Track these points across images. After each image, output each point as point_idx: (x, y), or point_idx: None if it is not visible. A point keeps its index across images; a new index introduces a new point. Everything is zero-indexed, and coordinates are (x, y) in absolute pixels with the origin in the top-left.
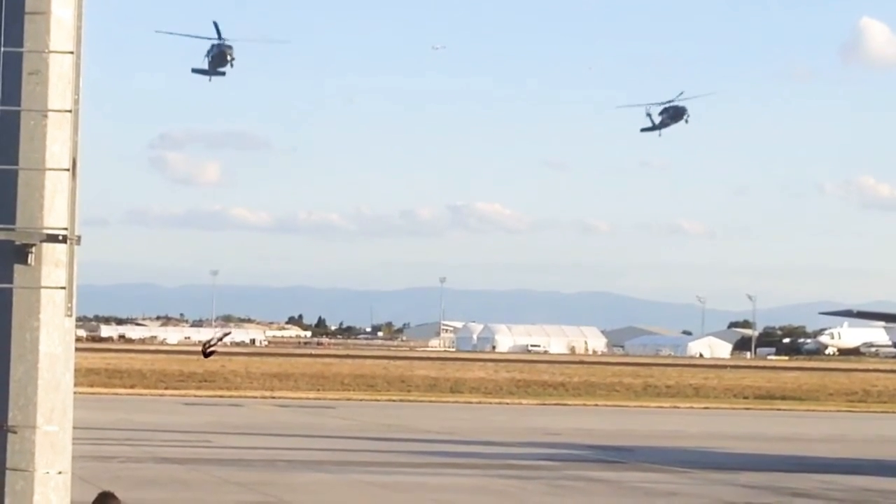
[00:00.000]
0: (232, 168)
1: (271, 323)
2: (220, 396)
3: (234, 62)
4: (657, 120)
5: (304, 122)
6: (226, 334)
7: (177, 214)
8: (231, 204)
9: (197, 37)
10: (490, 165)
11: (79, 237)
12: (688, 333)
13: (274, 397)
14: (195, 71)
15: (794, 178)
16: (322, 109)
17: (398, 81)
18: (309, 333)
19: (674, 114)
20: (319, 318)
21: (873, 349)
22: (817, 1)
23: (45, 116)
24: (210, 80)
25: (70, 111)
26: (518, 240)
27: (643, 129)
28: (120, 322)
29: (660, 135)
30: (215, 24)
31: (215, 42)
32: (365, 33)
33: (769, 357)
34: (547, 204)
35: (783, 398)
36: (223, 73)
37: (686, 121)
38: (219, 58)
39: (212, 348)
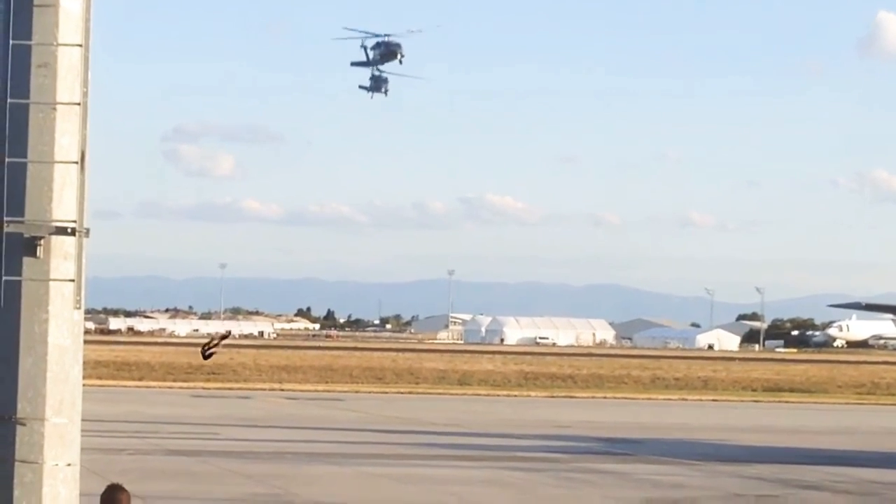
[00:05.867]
0: (245, 161)
1: (280, 315)
2: (229, 389)
3: (403, 59)
4: (371, 55)
5: (318, 116)
6: (224, 336)
7: (188, 207)
8: (242, 196)
9: (373, 34)
10: (502, 158)
11: (87, 230)
12: (696, 326)
13: (282, 390)
14: (354, 64)
15: (807, 172)
16: (335, 102)
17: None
18: (317, 326)
19: (385, 52)
20: (328, 310)
21: (882, 341)
22: None
23: (54, 109)
24: (372, 79)
25: (79, 104)
26: (528, 232)
27: (353, 63)
28: (128, 314)
29: (372, 71)
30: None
31: (382, 39)
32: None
33: (777, 349)
34: (558, 197)
35: (791, 390)
36: (382, 65)
37: (400, 61)
38: (388, 55)
39: (211, 350)
